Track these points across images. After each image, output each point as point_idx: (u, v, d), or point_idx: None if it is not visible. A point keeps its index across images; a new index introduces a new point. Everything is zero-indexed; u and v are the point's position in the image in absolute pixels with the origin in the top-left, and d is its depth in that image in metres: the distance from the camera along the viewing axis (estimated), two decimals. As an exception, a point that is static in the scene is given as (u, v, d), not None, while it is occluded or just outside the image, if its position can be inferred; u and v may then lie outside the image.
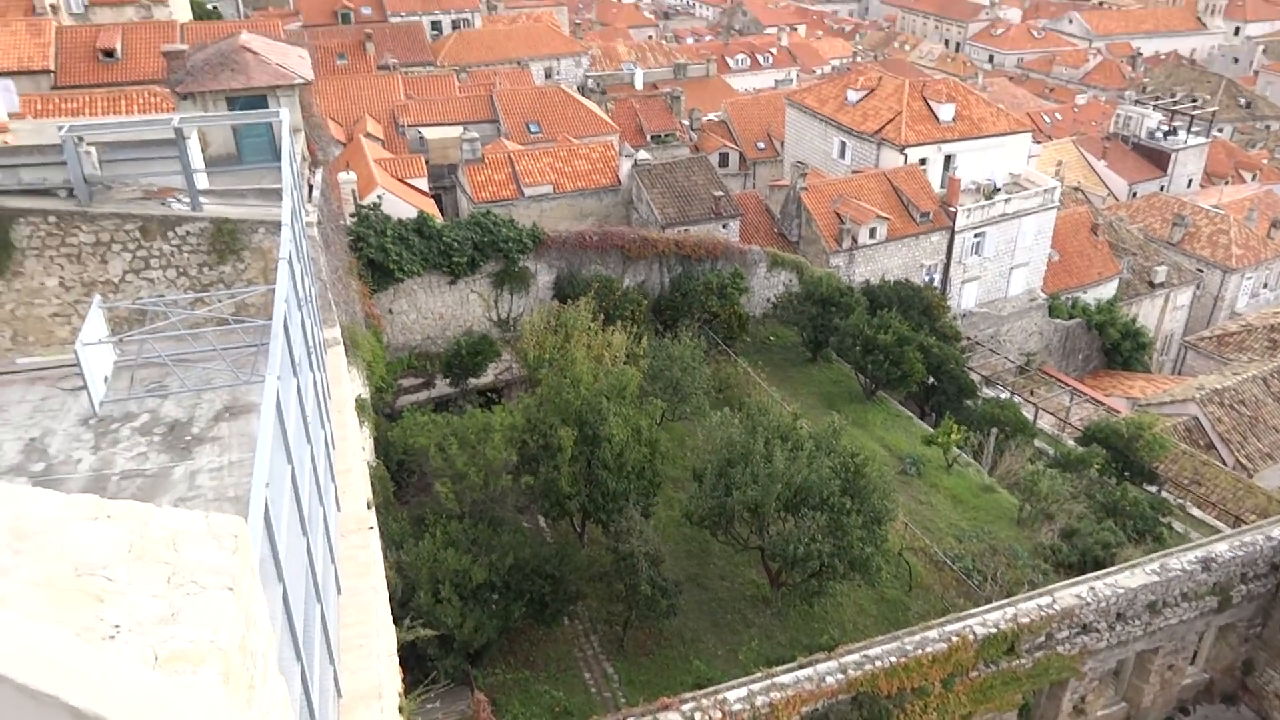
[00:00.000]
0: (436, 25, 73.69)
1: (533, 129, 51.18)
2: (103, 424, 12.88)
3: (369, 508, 12.63)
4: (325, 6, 71.51)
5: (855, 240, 42.65)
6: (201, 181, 15.67)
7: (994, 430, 34.45)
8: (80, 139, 14.85)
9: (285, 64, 19.92)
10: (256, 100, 19.46)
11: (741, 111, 62.35)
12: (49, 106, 33.16)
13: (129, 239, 15.23)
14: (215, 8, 62.89)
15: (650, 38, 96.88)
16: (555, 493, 21.99)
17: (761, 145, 60.67)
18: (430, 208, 37.43)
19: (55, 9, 47.66)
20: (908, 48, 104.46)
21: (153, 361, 13.72)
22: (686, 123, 61.29)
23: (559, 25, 79.72)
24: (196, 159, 15.82)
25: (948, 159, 47.66)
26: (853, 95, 50.35)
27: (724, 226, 41.31)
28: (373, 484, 16.38)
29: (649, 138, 57.64)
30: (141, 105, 32.58)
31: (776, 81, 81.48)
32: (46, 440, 12.61)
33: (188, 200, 15.35)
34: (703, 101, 66.78)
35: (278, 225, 15.11)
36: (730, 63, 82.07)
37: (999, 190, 48.09)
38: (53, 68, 42.21)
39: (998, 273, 48.13)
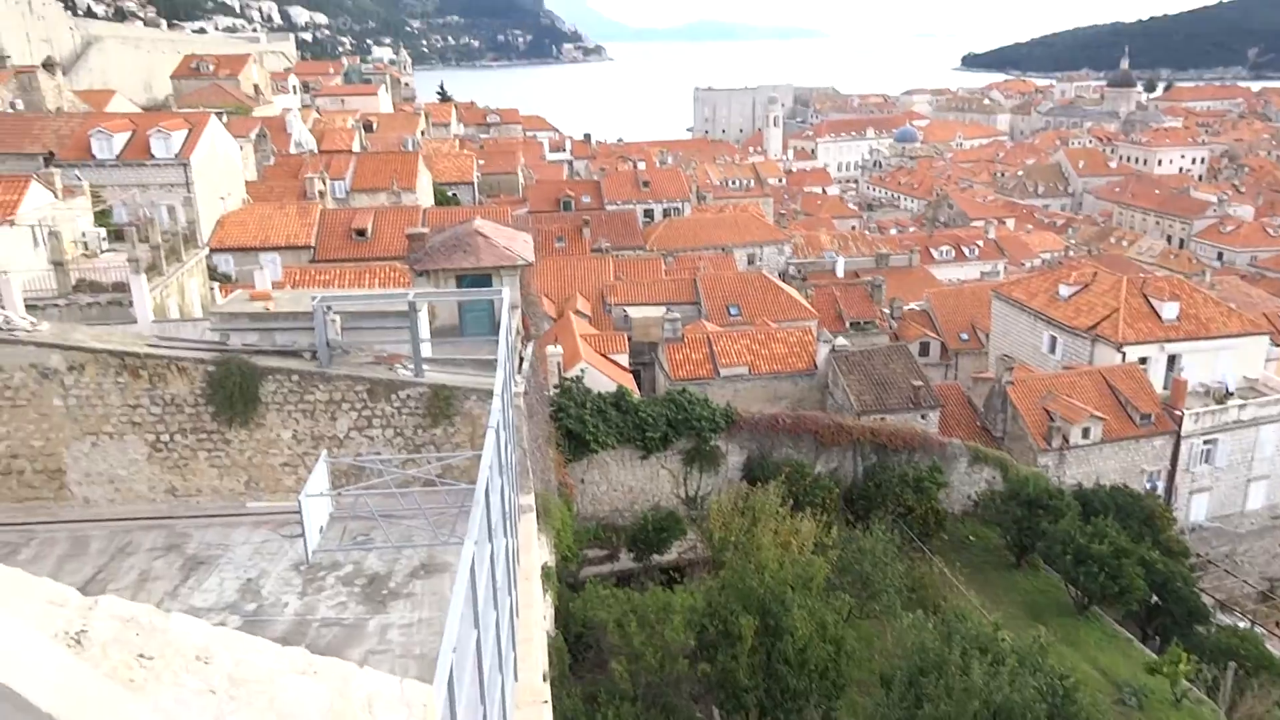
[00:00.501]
0: (649, 213, 78.61)
1: (732, 311, 52.58)
2: (312, 571, 13.72)
3: (545, 680, 12.56)
4: (550, 195, 78.16)
5: (1066, 440, 40.23)
6: (426, 350, 17.04)
7: (1232, 665, 30.31)
8: (329, 308, 16.62)
9: (511, 247, 21.72)
10: (482, 278, 21.20)
11: (944, 301, 61.67)
12: (306, 277, 37.45)
13: (357, 399, 16.65)
14: (455, 195, 70.20)
15: (853, 228, 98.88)
16: (732, 684, 21.08)
17: (965, 336, 59.40)
18: (629, 383, 38.69)
19: (322, 194, 54.68)
20: (1125, 243, 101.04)
21: (363, 516, 14.62)
22: (887, 311, 61.17)
23: (764, 215, 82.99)
24: (424, 330, 17.28)
25: (1171, 359, 44.79)
26: (1065, 290, 48.85)
27: (922, 417, 40.14)
28: (550, 655, 16.34)
29: (848, 324, 57.82)
30: (383, 279, 36.15)
31: (982, 273, 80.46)
32: (261, 581, 13.55)
33: (412, 367, 16.70)
34: (904, 290, 66.68)
35: (489, 394, 16.10)
36: (934, 253, 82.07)
37: (1232, 395, 44.47)
38: (313, 244, 48.01)
39: (1233, 484, 43.81)
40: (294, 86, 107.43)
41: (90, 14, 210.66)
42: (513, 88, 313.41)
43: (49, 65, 60.47)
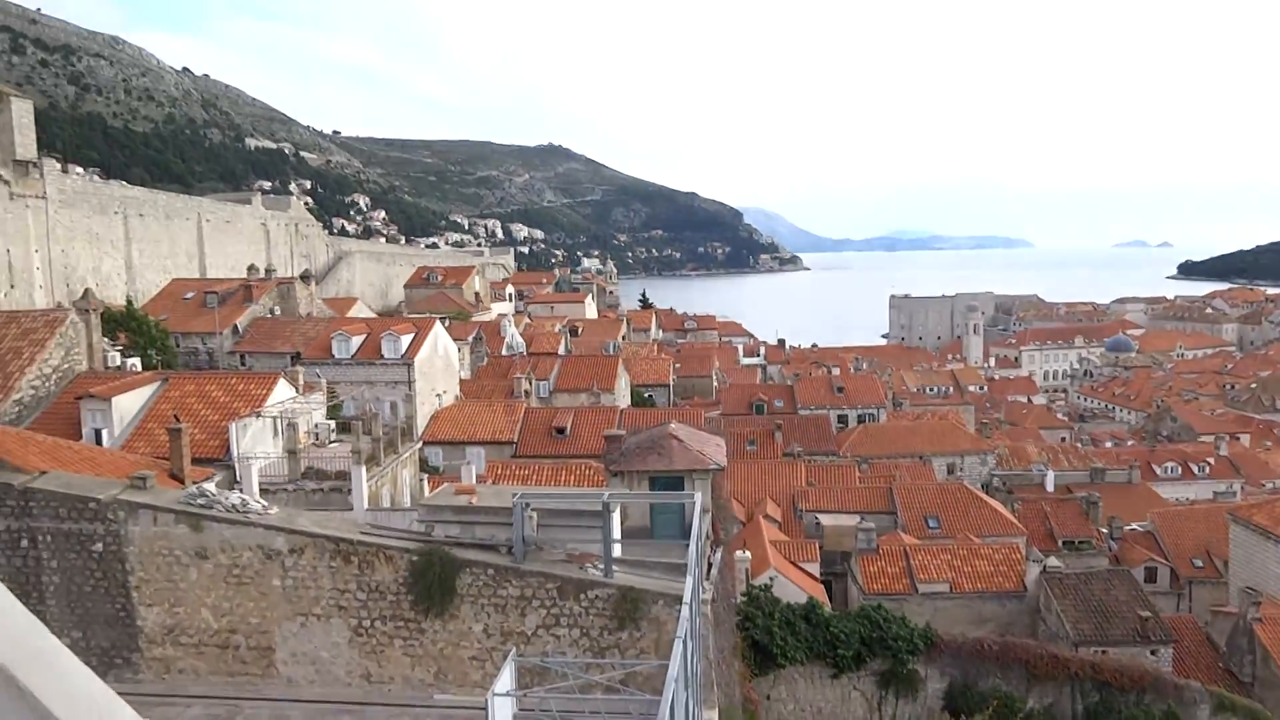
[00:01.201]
0: (843, 419, 77.69)
1: (931, 524, 50.02)
2: (491, 773, 13.47)
3: None
4: (743, 398, 79.09)
5: (1338, 693, 34.40)
6: (616, 551, 17.13)
7: None
8: (527, 505, 17.18)
9: (704, 451, 21.92)
10: (675, 480, 21.38)
11: (1172, 523, 56.10)
12: (507, 472, 39.08)
13: (547, 596, 16.79)
14: (651, 396, 72.46)
15: (1063, 440, 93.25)
16: None
17: (1199, 563, 53.34)
18: (820, 594, 37.08)
19: (528, 393, 57.81)
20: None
21: (545, 718, 14.37)
22: (1105, 530, 56.27)
23: (964, 423, 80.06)
24: (616, 530, 17.45)
25: None
26: (1320, 517, 43.30)
27: (1152, 653, 35.73)
28: None
29: (1060, 543, 53.50)
30: (579, 476, 37.15)
31: (1215, 493, 72.99)
32: (442, 780, 13.42)
33: (602, 567, 16.78)
34: (1124, 509, 61.37)
35: (677, 599, 15.83)
36: (1157, 470, 75.70)
37: None
38: (516, 439, 50.36)
39: None
40: (510, 294, 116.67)
41: (344, 232, 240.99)
42: (710, 296, 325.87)
43: (305, 277, 68.80)
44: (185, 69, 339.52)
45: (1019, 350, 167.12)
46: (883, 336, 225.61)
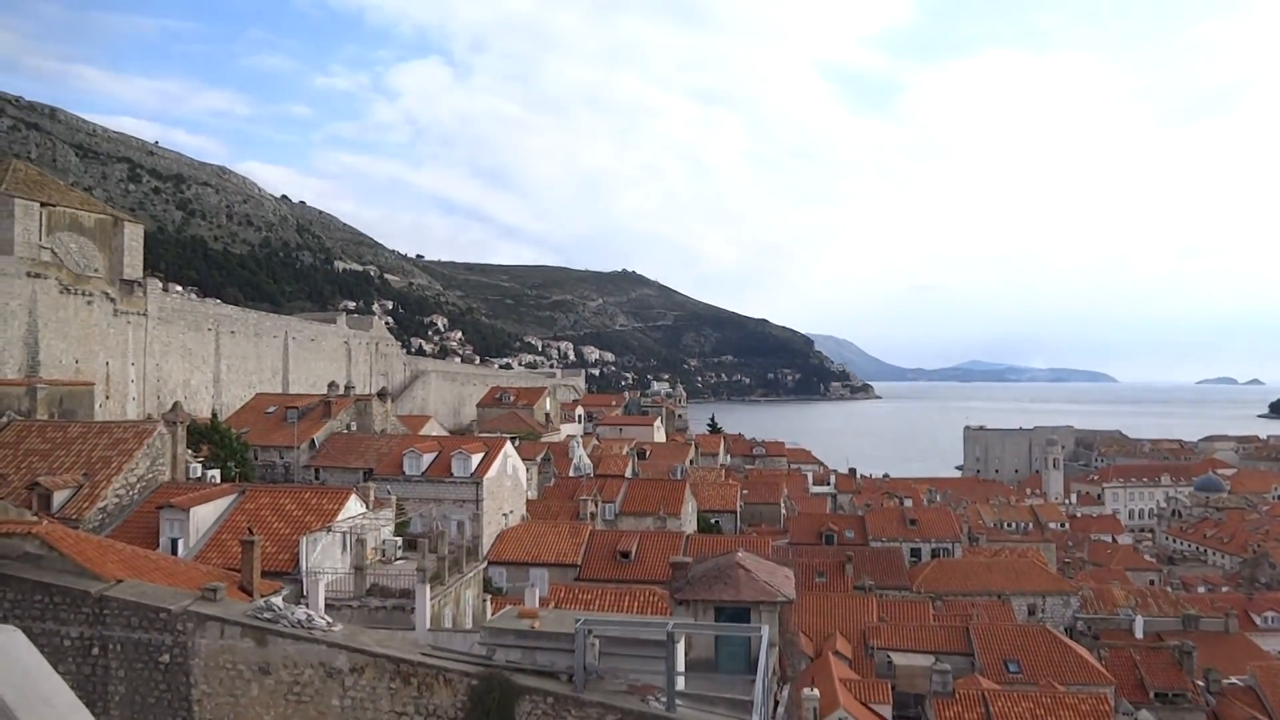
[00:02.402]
0: (915, 552, 75.21)
1: (1011, 668, 47.44)
2: None
3: None
4: (812, 528, 77.35)
5: None
6: (680, 684, 16.58)
7: None
8: (590, 631, 16.82)
9: (772, 582, 21.38)
10: (741, 612, 20.81)
11: (1275, 679, 52.17)
12: (570, 595, 38.56)
13: (607, 729, 16.22)
14: (717, 522, 71.36)
15: (1152, 583, 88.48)
16: None
17: (1311, 725, 49.22)
18: (892, 740, 35.09)
19: (593, 515, 57.48)
20: None
21: None
22: (1200, 684, 52.56)
23: (1045, 562, 76.75)
24: (679, 662, 16.93)
25: None
26: None
27: (1265, 826, 32.69)
28: None
29: (1151, 694, 50.10)
30: (642, 603, 36.42)
31: (1325, 648, 67.97)
32: None
33: (664, 699, 16.21)
34: (1221, 660, 57.35)
35: (740, 739, 15.16)
36: (1256, 619, 70.94)
37: None
38: (580, 562, 49.82)
39: None
40: (580, 415, 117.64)
41: (421, 352, 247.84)
42: (780, 422, 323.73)
43: (382, 394, 70.59)
44: (284, 196, 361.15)
45: (1102, 487, 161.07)
46: (957, 469, 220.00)
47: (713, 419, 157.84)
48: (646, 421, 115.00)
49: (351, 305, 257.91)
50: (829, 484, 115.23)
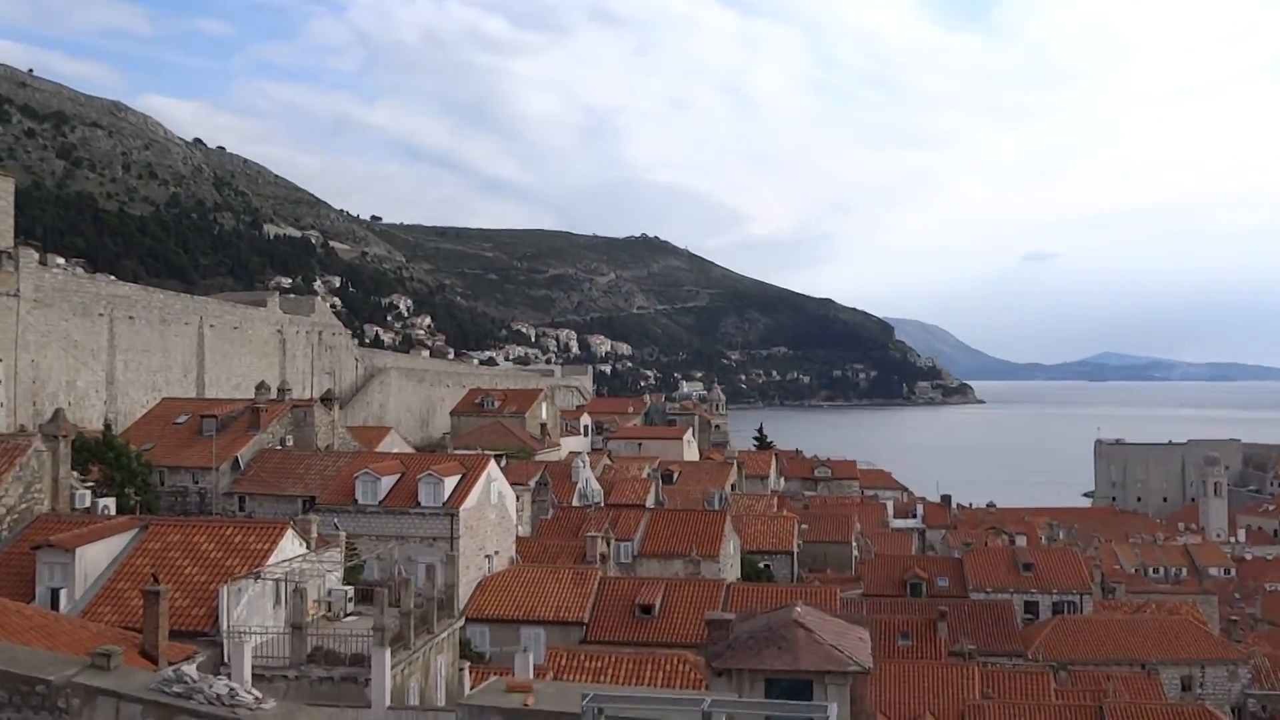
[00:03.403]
0: (1030, 607, 74.87)
1: (1160, 761, 47.15)
2: None
3: None
4: (892, 574, 77.08)
5: None
6: (719, 781, 16.48)
7: None
8: (600, 710, 16.76)
9: (841, 645, 21.27)
10: (801, 685, 20.73)
11: None
12: (574, 663, 38.58)
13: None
14: (768, 567, 71.26)
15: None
16: None
17: None
18: None
19: (604, 558, 57.54)
20: None
21: None
22: None
23: (1204, 621, 76.20)
24: (719, 752, 16.82)
25: None
26: None
27: None
28: None
29: (1351, 798, 49.65)
30: (669, 673, 36.41)
31: None
32: None
33: (699, 803, 16.12)
34: None
35: None
36: None
37: None
38: (587, 619, 49.85)
39: None
40: (586, 426, 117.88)
41: (378, 343, 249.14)
42: (850, 434, 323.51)
43: (327, 399, 70.91)
44: (197, 140, 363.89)
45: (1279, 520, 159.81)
46: (1085, 496, 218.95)
47: (761, 430, 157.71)
48: (674, 434, 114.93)
49: (287, 282, 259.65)
50: (915, 516, 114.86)
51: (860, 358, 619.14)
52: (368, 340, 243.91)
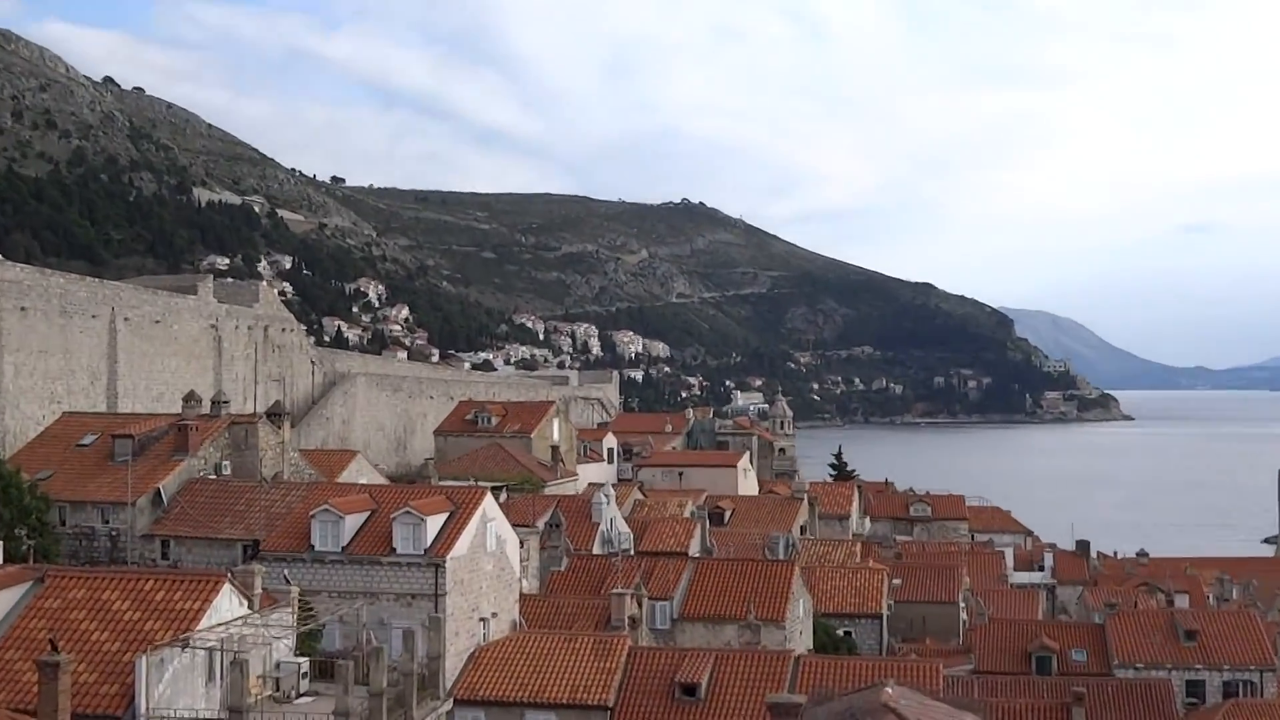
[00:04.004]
0: (1195, 688, 74.21)
1: None
2: None
3: None
4: (1014, 644, 76.46)
5: None
6: None
7: None
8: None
9: (946, 739, 21.14)
10: (892, 792, 20.61)
11: None
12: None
13: None
14: (849, 634, 70.89)
15: None
16: None
17: None
18: None
19: (635, 622, 57.41)
20: None
21: None
22: None
23: None
24: None
25: None
26: None
27: None
28: None
29: None
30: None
31: None
32: None
33: None
34: None
35: None
36: None
37: None
38: (611, 702, 49.73)
39: None
40: (610, 450, 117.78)
41: (341, 341, 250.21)
42: (957, 460, 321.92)
43: (276, 414, 71.11)
44: (109, 80, 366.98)
45: None
46: (1266, 542, 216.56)
47: (839, 456, 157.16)
48: (725, 460, 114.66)
49: (224, 263, 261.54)
50: (1042, 568, 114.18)
51: (970, 361, 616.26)
52: (328, 338, 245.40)
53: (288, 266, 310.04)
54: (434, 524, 51.04)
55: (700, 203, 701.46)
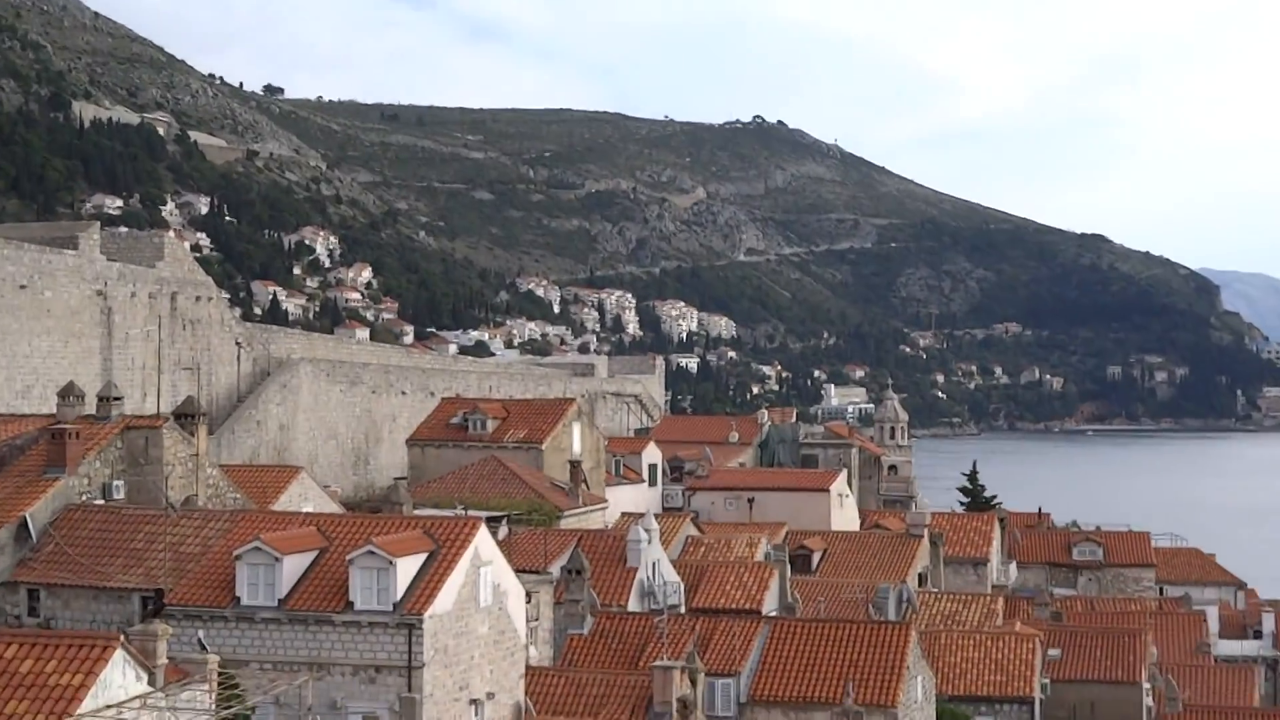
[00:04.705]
0: None
1: None
2: None
3: None
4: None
5: None
6: None
7: None
8: None
9: None
10: None
11: None
12: None
13: None
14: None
15: None
16: None
17: None
18: None
19: (687, 707, 57.47)
20: None
21: None
22: None
23: None
24: None
25: None
26: None
27: None
28: None
29: None
30: None
31: None
32: None
33: None
34: None
35: None
36: None
37: None
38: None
39: None
40: (653, 467, 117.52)
41: (276, 313, 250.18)
42: (1139, 482, 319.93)
43: (187, 416, 71.20)
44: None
45: None
46: None
47: (973, 476, 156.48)
48: (814, 482, 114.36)
49: (115, 206, 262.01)
50: (1259, 633, 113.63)
51: (1158, 342, 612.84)
52: (260, 310, 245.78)
53: (204, 211, 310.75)
54: (407, 568, 51.10)
55: (779, 122, 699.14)
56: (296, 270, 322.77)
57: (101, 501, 62.00)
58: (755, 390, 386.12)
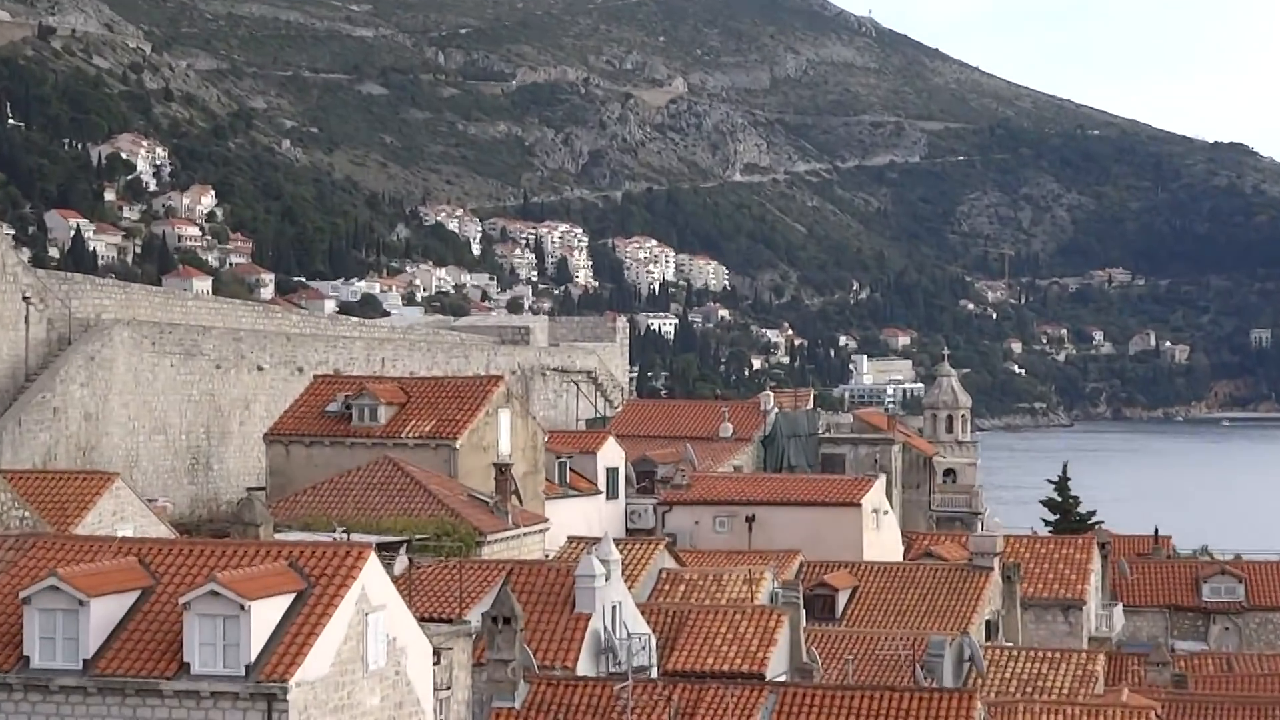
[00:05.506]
0: None
1: None
2: None
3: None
4: None
5: None
6: None
7: None
8: None
9: None
10: None
11: None
12: None
13: None
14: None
15: None
16: None
17: None
18: None
19: (662, 810, 57.85)
20: None
21: None
22: None
23: None
24: None
25: None
26: None
27: None
28: None
29: None
30: None
31: None
32: None
33: None
34: None
35: None
36: None
37: None
38: None
39: None
40: (613, 473, 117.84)
41: (79, 258, 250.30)
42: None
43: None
44: None
45: None
46: None
47: (1063, 483, 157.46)
48: (839, 493, 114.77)
49: None
50: None
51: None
52: (57, 251, 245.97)
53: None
54: (265, 616, 51.16)
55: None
56: (109, 196, 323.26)
57: None
58: (757, 364, 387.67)
